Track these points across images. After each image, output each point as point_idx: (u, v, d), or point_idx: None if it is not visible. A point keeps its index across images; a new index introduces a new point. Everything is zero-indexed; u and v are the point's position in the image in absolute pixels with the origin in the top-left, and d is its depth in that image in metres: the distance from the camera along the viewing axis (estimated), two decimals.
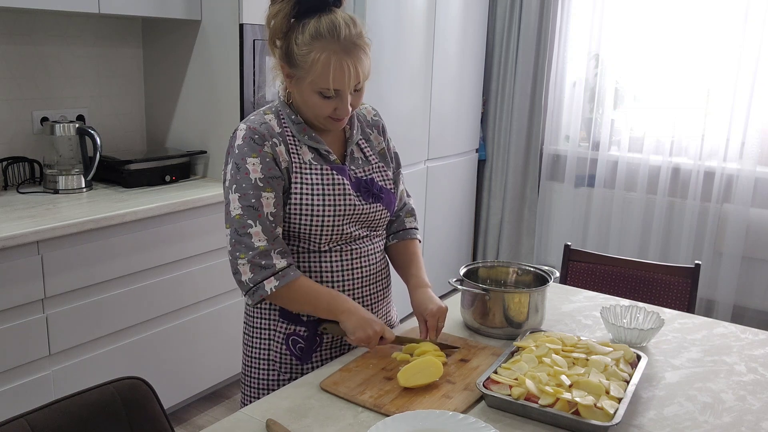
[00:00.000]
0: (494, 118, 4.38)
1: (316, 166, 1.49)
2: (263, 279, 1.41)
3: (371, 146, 1.62)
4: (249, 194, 1.42)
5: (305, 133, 1.49)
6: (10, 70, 2.67)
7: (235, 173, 1.44)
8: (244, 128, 1.46)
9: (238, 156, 1.44)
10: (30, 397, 2.23)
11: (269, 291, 1.41)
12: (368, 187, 1.55)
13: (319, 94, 1.41)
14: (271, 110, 1.52)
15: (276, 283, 1.41)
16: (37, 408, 1.18)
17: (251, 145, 1.44)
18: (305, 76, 1.40)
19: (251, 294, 1.42)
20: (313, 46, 1.37)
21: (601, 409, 1.22)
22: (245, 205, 1.42)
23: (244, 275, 1.42)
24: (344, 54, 1.38)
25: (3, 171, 2.67)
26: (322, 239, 1.49)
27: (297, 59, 1.40)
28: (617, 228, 4.02)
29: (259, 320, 1.57)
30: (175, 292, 2.67)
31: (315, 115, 1.47)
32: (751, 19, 3.49)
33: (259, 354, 1.57)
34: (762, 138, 3.58)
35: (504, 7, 4.21)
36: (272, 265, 1.41)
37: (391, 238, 1.70)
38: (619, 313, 1.69)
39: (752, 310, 3.74)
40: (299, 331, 1.53)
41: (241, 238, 1.41)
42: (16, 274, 2.13)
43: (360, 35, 1.40)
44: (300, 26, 1.39)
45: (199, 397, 3.00)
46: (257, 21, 2.83)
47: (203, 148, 3.03)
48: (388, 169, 1.63)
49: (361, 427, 1.23)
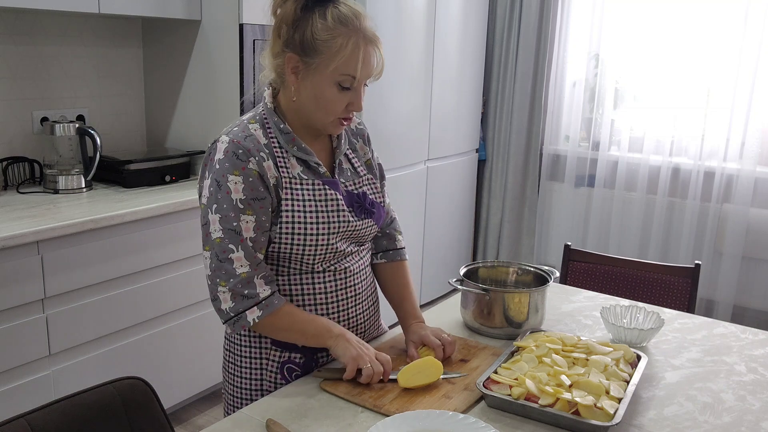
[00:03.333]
0: (494, 118, 4.38)
1: (307, 181, 1.40)
2: (245, 309, 1.33)
3: (358, 156, 1.54)
4: (230, 216, 1.32)
5: (294, 144, 1.39)
6: (10, 70, 2.67)
7: (216, 191, 1.33)
8: (227, 141, 1.35)
9: (218, 172, 1.33)
10: (30, 397, 2.23)
11: (251, 322, 1.33)
12: (360, 202, 1.48)
13: (337, 85, 1.34)
14: (255, 119, 1.41)
15: (259, 314, 1.33)
16: (37, 408, 1.18)
17: (233, 161, 1.33)
18: (328, 63, 1.32)
19: (231, 324, 1.34)
20: (338, 31, 1.31)
21: (601, 409, 1.22)
22: (226, 227, 1.32)
23: (224, 303, 1.34)
24: (369, 42, 1.34)
25: (3, 171, 2.67)
26: (315, 259, 1.40)
27: (318, 45, 1.31)
28: (617, 228, 4.02)
29: (248, 349, 1.47)
30: (175, 292, 2.67)
31: (325, 113, 1.37)
32: (751, 19, 3.49)
33: (250, 385, 1.47)
34: (762, 138, 3.58)
35: (504, 7, 4.21)
36: (255, 294, 1.33)
37: (380, 256, 1.63)
38: (619, 313, 1.69)
39: (752, 310, 3.74)
40: (294, 358, 1.44)
41: (221, 264, 1.33)
42: (16, 274, 2.13)
43: (375, 28, 1.37)
44: (317, 12, 1.32)
45: (199, 397, 3.00)
46: (257, 21, 2.83)
47: (203, 148, 3.03)
48: (376, 180, 1.56)
49: (361, 427, 1.23)
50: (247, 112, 1.57)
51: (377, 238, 1.64)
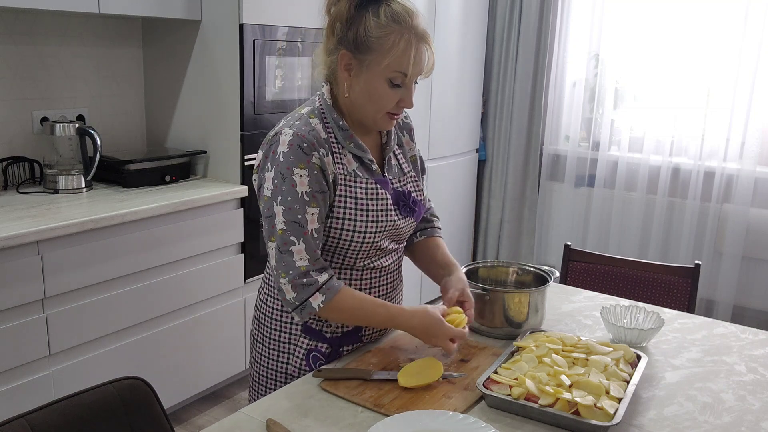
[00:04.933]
0: (494, 118, 4.38)
1: (361, 179, 1.43)
2: (308, 296, 1.36)
3: (404, 152, 1.59)
4: (295, 209, 1.35)
5: (351, 140, 1.43)
6: (10, 70, 2.67)
7: (280, 183, 1.36)
8: (290, 134, 1.37)
9: (283, 165, 1.36)
10: (30, 397, 2.23)
11: (317, 308, 1.36)
12: (405, 201, 1.51)
13: (388, 81, 1.37)
14: (314, 113, 1.43)
15: (323, 298, 1.36)
16: (37, 408, 1.18)
17: (298, 154, 1.35)
18: (380, 60, 1.35)
19: (299, 312, 1.37)
20: (392, 28, 1.34)
21: (601, 409, 1.22)
22: (290, 220, 1.35)
23: (288, 294, 1.36)
24: (421, 40, 1.37)
25: (3, 171, 2.66)
26: (359, 255, 1.45)
27: (371, 42, 1.35)
28: (617, 228, 4.02)
29: (277, 333, 1.51)
30: (175, 292, 2.67)
31: (375, 109, 1.40)
32: (751, 19, 3.49)
33: (276, 366, 1.52)
34: (762, 138, 3.58)
35: (504, 7, 4.21)
36: (314, 281, 1.35)
37: (418, 235, 1.67)
38: (619, 313, 1.69)
39: (752, 310, 3.74)
40: (321, 347, 1.49)
41: (282, 256, 1.36)
42: (16, 274, 2.13)
43: (426, 26, 1.39)
44: (371, 11, 1.35)
45: (199, 397, 3.00)
46: (257, 21, 2.83)
47: (203, 148, 3.03)
48: (419, 178, 1.60)
49: (361, 427, 1.23)
50: (248, 112, 1.58)
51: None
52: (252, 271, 3.01)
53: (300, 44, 3.07)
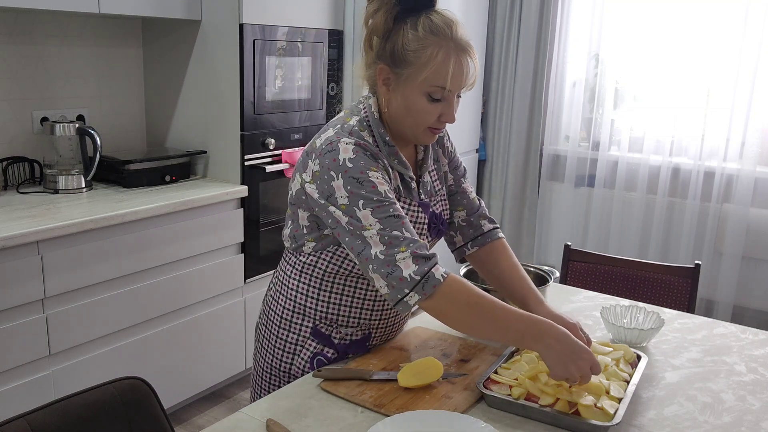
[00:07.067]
0: (494, 118, 4.38)
1: (405, 199, 1.41)
2: (431, 268, 1.25)
3: (438, 169, 1.56)
4: (384, 205, 1.28)
5: (395, 157, 1.39)
6: (10, 70, 2.67)
7: (358, 188, 1.28)
8: (352, 142, 1.31)
9: (354, 170, 1.29)
10: (30, 397, 2.23)
11: (441, 278, 1.26)
12: (436, 223, 1.49)
13: (427, 96, 1.33)
14: (363, 126, 1.37)
15: (444, 270, 1.27)
16: (37, 408, 1.18)
17: (367, 159, 1.31)
18: (417, 74, 1.31)
19: (420, 288, 1.25)
20: (429, 41, 1.30)
21: (601, 409, 1.22)
22: (383, 217, 1.27)
23: (406, 269, 1.24)
24: (461, 52, 1.32)
25: (3, 171, 2.67)
26: None
27: (409, 56, 1.31)
28: (617, 228, 4.02)
29: (286, 333, 1.49)
30: (175, 292, 2.67)
31: (415, 124, 1.36)
32: (751, 19, 3.49)
33: (280, 365, 1.51)
34: (762, 138, 3.58)
35: (504, 7, 4.21)
36: (434, 254, 1.28)
37: (470, 245, 1.60)
38: (619, 313, 1.69)
39: (752, 310, 3.74)
40: (327, 352, 1.47)
41: (391, 244, 1.26)
42: (16, 274, 2.13)
43: (469, 36, 1.35)
44: (409, 23, 1.31)
45: (199, 397, 3.00)
46: (257, 21, 2.83)
47: (203, 148, 3.03)
48: (445, 197, 1.57)
49: (361, 427, 1.23)
50: (248, 112, 1.54)
51: (463, 229, 1.62)
52: (252, 271, 3.01)
53: (300, 44, 3.07)
